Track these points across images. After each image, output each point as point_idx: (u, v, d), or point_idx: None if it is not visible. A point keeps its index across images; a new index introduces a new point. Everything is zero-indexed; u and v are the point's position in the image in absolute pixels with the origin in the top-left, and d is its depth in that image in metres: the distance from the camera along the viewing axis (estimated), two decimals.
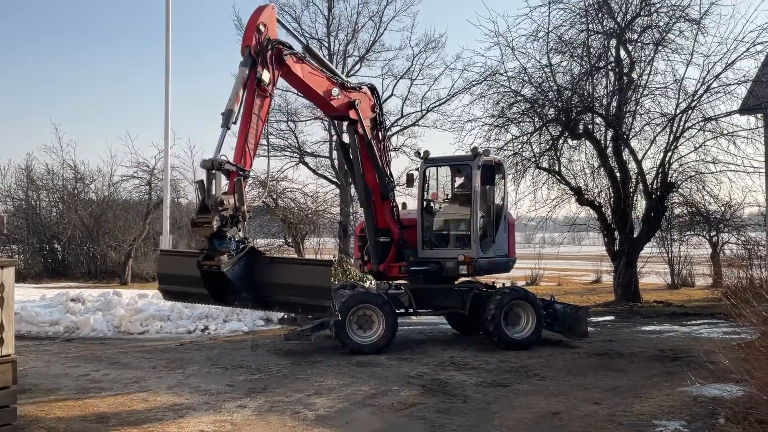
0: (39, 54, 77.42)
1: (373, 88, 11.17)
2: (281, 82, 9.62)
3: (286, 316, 11.98)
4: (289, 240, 29.64)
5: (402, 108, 29.25)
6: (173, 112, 22.99)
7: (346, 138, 11.20)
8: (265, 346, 10.91)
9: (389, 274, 11.31)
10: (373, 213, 11.11)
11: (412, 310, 11.11)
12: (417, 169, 12.12)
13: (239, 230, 7.78)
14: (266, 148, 10.36)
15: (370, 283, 14.66)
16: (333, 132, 29.60)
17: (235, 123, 8.21)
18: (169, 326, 12.70)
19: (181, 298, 8.95)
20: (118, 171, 28.43)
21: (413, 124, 29.35)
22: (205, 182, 7.79)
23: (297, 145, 29.75)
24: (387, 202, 11.19)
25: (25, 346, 10.85)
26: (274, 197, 28.44)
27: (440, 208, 12.03)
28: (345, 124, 10.94)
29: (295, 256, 21.99)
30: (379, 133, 11.04)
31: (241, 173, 7.97)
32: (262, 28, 8.63)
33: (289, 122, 29.78)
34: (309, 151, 30.05)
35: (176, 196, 27.48)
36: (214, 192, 7.68)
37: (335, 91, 10.03)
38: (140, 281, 23.94)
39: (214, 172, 7.71)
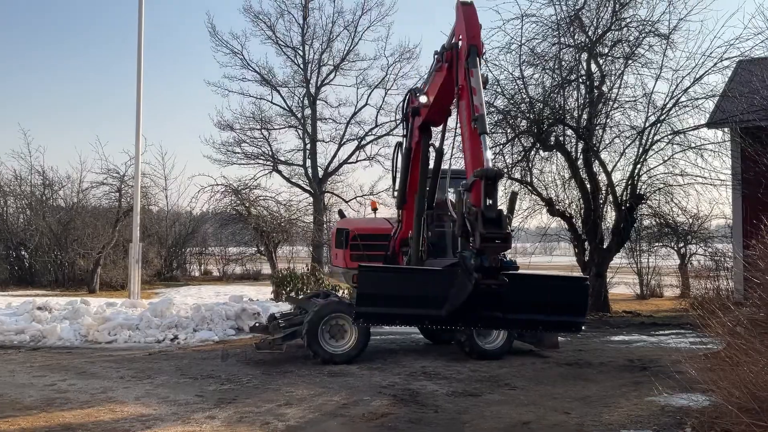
0: (7, 58, 76.16)
1: None
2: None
3: (258, 324, 11.91)
4: (262, 248, 29.51)
5: (376, 117, 29.41)
6: (144, 118, 22.69)
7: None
8: (235, 356, 10.81)
9: None
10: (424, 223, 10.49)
11: None
12: None
13: None
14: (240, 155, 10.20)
15: (344, 292, 14.64)
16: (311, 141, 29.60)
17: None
18: (137, 335, 12.52)
19: (388, 321, 7.95)
20: (87, 177, 28.13)
21: (387, 134, 29.52)
22: (481, 193, 6.96)
23: (270, 153, 29.68)
24: None
25: None
26: (247, 205, 28.31)
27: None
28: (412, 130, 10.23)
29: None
30: None
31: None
32: None
33: (263, 130, 29.73)
34: (283, 159, 30.00)
35: (147, 204, 27.20)
36: (490, 204, 6.91)
37: None
38: (109, 289, 23.59)
39: (491, 182, 6.95)
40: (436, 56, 9.01)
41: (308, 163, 29.67)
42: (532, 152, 17.57)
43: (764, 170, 12.16)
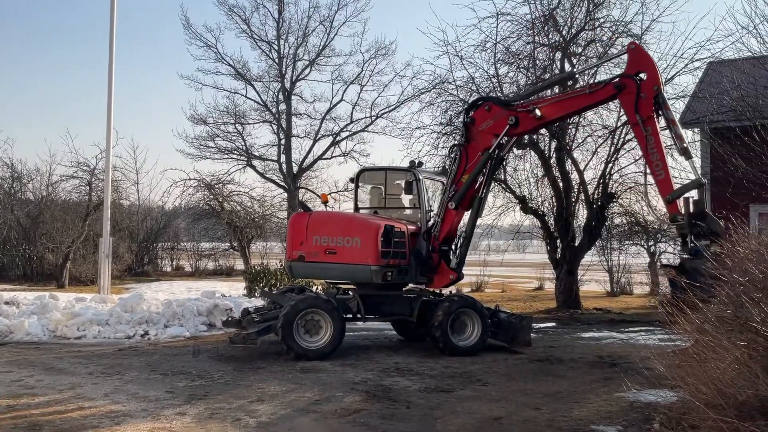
0: None
1: None
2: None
3: (230, 319, 11.81)
4: (235, 244, 29.31)
5: (351, 113, 29.35)
6: (116, 111, 22.45)
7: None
8: (207, 352, 10.72)
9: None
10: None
11: (360, 316, 11.08)
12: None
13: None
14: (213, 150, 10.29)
15: (317, 288, 14.60)
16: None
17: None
18: (107, 331, 12.37)
19: None
20: (57, 170, 27.67)
21: (362, 130, 29.47)
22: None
23: (244, 148, 29.45)
24: None
25: None
26: (220, 200, 28.10)
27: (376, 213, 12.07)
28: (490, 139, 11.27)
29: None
30: None
31: None
32: None
33: (236, 124, 29.49)
34: (257, 154, 29.79)
35: (118, 198, 26.85)
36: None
37: None
38: (78, 284, 23.25)
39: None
40: (581, 82, 11.56)
41: (283, 158, 29.49)
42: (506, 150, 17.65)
43: (732, 170, 12.35)
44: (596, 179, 17.42)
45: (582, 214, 18.02)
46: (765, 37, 12.12)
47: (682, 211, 9.41)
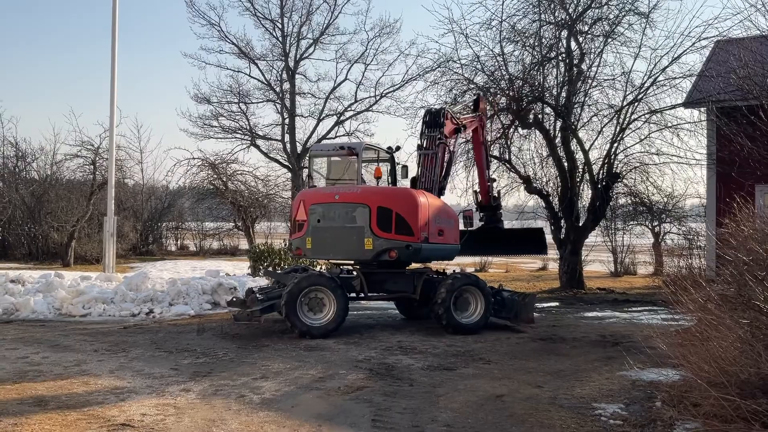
0: None
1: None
2: None
3: (235, 299, 11.87)
4: (239, 223, 29.36)
5: (356, 93, 29.23)
6: (120, 90, 22.41)
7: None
8: (211, 330, 10.78)
9: None
10: None
11: (363, 295, 11.11)
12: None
13: None
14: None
15: (321, 267, 14.64)
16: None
17: None
18: (112, 309, 12.44)
19: None
20: (61, 149, 27.80)
21: (367, 110, 29.38)
22: None
23: (248, 128, 29.38)
24: None
25: None
26: (224, 180, 28.07)
27: None
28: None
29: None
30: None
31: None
32: None
33: (240, 104, 29.41)
34: (261, 133, 29.73)
35: (122, 177, 26.92)
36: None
37: None
38: (84, 263, 23.38)
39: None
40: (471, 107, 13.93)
41: (287, 138, 29.45)
42: (511, 129, 17.59)
43: (738, 149, 12.27)
44: (601, 159, 17.34)
45: (586, 194, 17.96)
46: None
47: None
